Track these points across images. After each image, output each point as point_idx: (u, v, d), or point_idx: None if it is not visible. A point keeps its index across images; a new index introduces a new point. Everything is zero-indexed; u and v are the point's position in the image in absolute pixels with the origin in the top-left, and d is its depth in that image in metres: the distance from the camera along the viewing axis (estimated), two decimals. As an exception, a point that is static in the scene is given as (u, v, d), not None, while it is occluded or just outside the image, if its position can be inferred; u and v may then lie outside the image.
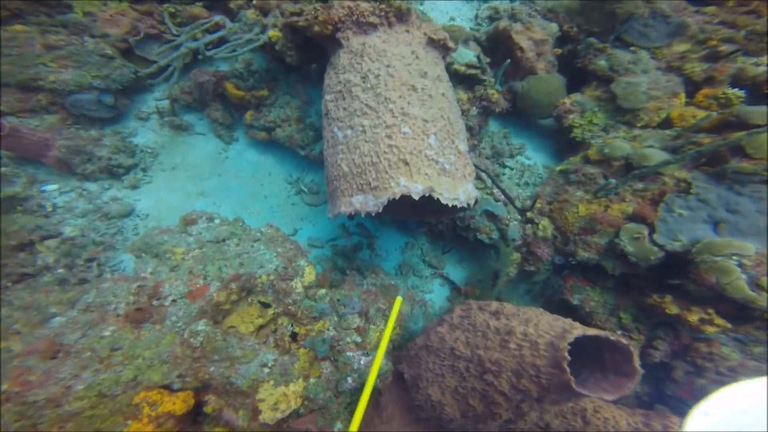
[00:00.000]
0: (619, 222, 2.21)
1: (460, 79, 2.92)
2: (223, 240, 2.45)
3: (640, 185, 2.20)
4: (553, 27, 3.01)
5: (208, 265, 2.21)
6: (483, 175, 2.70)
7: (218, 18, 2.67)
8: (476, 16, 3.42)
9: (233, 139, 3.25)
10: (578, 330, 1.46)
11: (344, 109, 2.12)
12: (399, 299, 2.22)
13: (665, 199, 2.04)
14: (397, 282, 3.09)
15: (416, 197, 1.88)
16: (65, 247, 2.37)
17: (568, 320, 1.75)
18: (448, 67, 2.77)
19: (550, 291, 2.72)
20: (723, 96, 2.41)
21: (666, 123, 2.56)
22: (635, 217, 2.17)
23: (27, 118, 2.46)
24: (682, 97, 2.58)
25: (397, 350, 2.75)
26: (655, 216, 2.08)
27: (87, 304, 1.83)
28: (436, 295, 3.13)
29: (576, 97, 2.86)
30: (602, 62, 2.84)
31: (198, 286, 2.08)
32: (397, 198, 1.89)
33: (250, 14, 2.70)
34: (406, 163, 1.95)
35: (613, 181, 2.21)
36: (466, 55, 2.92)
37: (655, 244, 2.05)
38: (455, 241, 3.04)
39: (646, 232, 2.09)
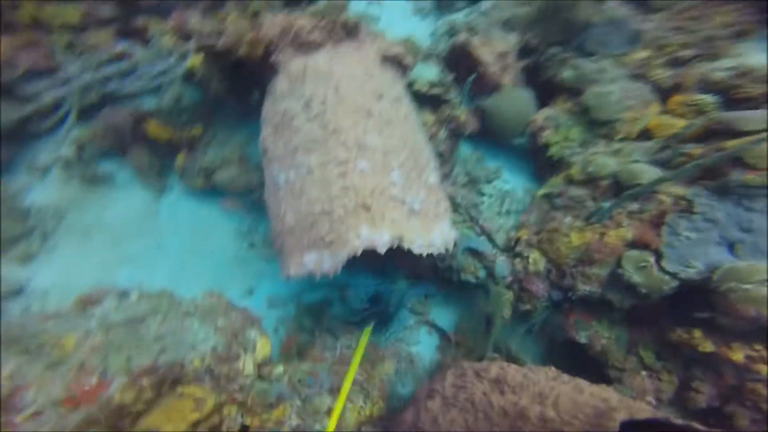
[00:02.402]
0: (619, 250, 1.92)
1: (424, 100, 2.66)
2: (142, 320, 1.90)
3: (635, 206, 1.94)
4: (512, 39, 2.86)
5: (111, 355, 1.67)
6: (461, 208, 2.37)
7: (123, 45, 2.23)
8: (434, 33, 3.23)
9: (165, 189, 2.73)
10: (620, 413, 1.08)
11: (284, 144, 1.71)
12: (367, 330, 1.89)
13: (668, 221, 1.78)
14: (377, 337, 2.61)
15: (382, 250, 1.48)
16: None
17: (594, 388, 1.37)
18: (409, 88, 2.49)
19: (552, 330, 2.36)
20: (694, 103, 2.27)
21: (645, 134, 2.38)
22: (637, 243, 1.89)
23: None
24: (655, 106, 2.43)
25: (384, 421, 2.24)
26: (659, 241, 1.80)
27: None
28: (424, 345, 2.68)
29: (548, 111, 2.66)
30: (568, 73, 2.69)
31: (87, 387, 1.53)
32: (358, 254, 1.48)
33: (167, 40, 2.29)
34: (367, 208, 1.55)
35: (606, 204, 1.93)
36: (427, 73, 2.67)
37: (665, 272, 1.76)
38: (439, 284, 2.65)
39: (652, 259, 1.80)
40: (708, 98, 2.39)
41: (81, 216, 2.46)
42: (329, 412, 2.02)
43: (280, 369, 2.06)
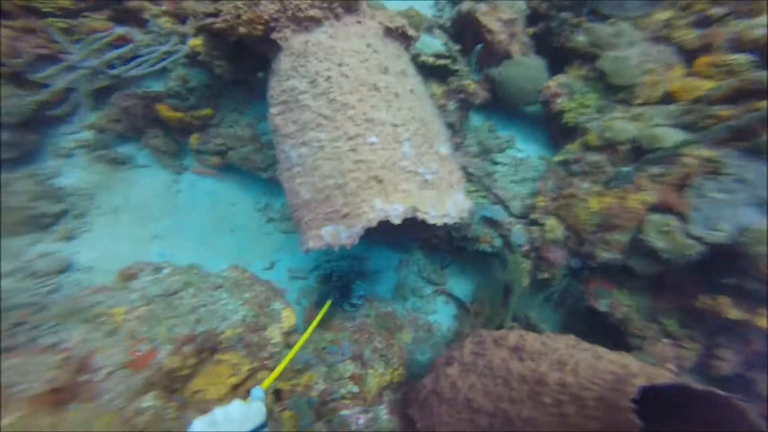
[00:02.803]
0: (640, 214, 1.87)
1: (430, 72, 2.58)
2: (176, 292, 2.03)
3: (657, 170, 1.86)
4: (520, 4, 2.72)
5: (155, 325, 1.82)
6: (474, 177, 2.34)
7: (121, 30, 2.24)
8: (437, 2, 3.10)
9: (183, 168, 2.80)
10: (639, 379, 1.08)
11: (294, 122, 1.72)
12: (328, 302, 2.18)
13: (693, 183, 1.71)
14: (395, 306, 2.68)
15: (397, 221, 1.49)
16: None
17: (614, 355, 1.37)
18: (415, 60, 2.42)
19: (571, 299, 2.35)
20: (725, 63, 2.11)
21: (667, 97, 2.26)
22: (659, 207, 1.83)
23: None
24: (679, 68, 2.28)
25: (404, 387, 2.33)
26: (683, 204, 1.74)
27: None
28: (441, 314, 2.73)
29: (561, 78, 2.55)
30: (581, 38, 2.54)
31: (141, 353, 1.69)
32: (374, 225, 1.50)
33: (164, 22, 2.29)
34: (380, 181, 1.56)
35: (626, 168, 1.87)
36: (433, 44, 2.58)
37: (690, 236, 1.71)
38: (454, 253, 2.66)
39: (676, 223, 1.75)
40: (742, 57, 2.21)
41: (109, 197, 2.56)
42: (352, 377, 2.12)
43: (305, 338, 2.17)
